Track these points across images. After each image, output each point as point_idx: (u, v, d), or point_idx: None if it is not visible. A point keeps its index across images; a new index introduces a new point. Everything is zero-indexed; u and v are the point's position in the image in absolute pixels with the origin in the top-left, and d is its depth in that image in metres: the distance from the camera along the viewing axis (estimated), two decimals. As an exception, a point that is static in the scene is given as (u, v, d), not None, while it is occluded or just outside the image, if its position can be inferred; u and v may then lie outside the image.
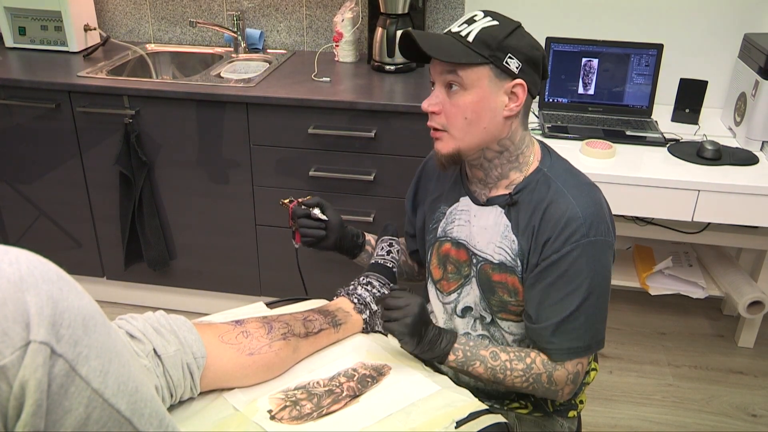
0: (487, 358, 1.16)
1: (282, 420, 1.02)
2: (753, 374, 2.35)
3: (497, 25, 1.11)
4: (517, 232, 1.18)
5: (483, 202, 1.23)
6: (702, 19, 2.32)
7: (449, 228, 1.29)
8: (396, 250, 1.43)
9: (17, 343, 0.59)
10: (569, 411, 1.34)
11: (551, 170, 1.18)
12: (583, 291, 1.12)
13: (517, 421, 1.30)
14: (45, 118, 2.28)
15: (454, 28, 1.13)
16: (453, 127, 1.14)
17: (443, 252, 1.30)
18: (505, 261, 1.19)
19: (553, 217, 1.12)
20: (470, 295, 1.27)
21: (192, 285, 2.52)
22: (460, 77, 1.10)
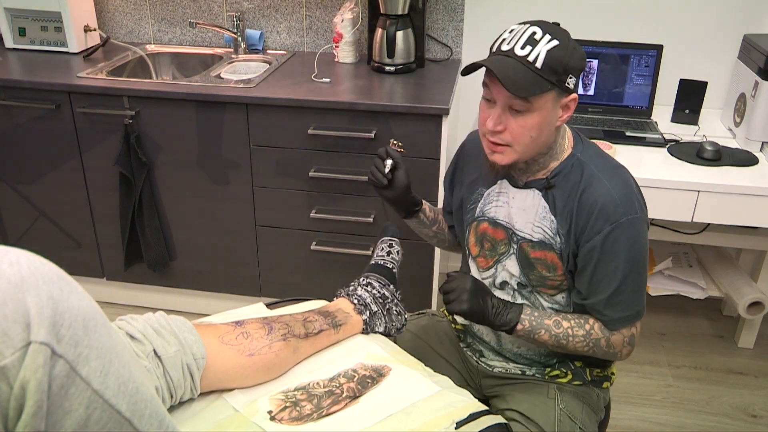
0: (551, 326, 1.27)
1: (282, 421, 1.02)
2: (753, 375, 2.36)
3: (558, 45, 1.15)
4: (555, 212, 1.28)
5: (521, 185, 1.31)
6: (702, 19, 2.32)
7: (487, 208, 1.37)
8: (396, 251, 1.43)
9: (18, 343, 0.59)
10: (604, 382, 1.43)
11: (584, 155, 1.27)
12: (626, 266, 1.22)
13: (557, 391, 1.37)
14: (45, 119, 2.28)
15: (519, 51, 1.16)
16: (517, 143, 1.21)
17: (481, 231, 1.39)
18: (543, 239, 1.29)
19: (590, 201, 1.22)
20: (506, 270, 1.36)
21: (192, 286, 2.52)
22: (529, 103, 1.17)
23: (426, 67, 2.46)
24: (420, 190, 2.15)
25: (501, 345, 1.42)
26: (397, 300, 1.34)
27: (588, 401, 1.39)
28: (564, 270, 1.29)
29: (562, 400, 1.36)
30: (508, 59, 1.16)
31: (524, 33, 1.17)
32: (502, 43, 1.19)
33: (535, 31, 1.16)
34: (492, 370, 1.46)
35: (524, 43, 1.16)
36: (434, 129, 2.06)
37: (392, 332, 1.32)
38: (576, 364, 1.40)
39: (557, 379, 1.40)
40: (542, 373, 1.41)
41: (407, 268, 2.11)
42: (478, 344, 1.48)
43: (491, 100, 1.21)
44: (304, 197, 2.25)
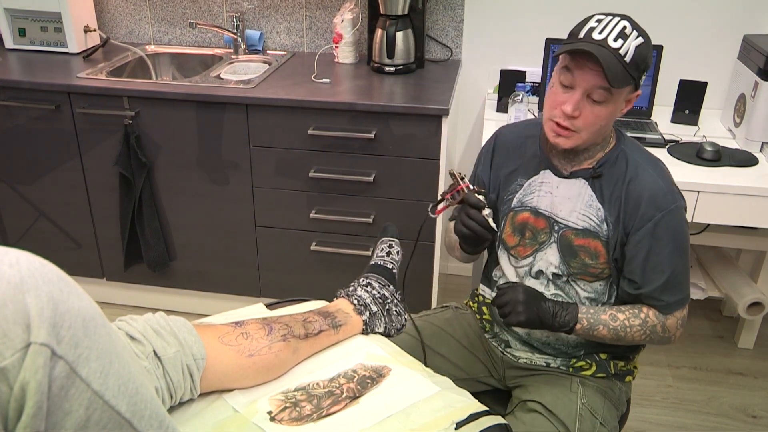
0: (608, 321, 1.30)
1: (282, 421, 1.02)
2: (753, 375, 2.36)
3: (644, 42, 1.21)
4: (602, 200, 1.31)
5: (566, 175, 1.34)
6: (701, 20, 2.33)
7: (527, 198, 1.39)
8: (396, 251, 1.43)
9: (17, 344, 0.59)
10: (627, 376, 1.46)
11: (627, 147, 1.34)
12: (677, 251, 1.28)
13: (581, 386, 1.39)
14: (45, 120, 2.28)
15: (612, 42, 1.19)
16: (586, 130, 1.25)
17: (519, 220, 1.40)
18: (588, 227, 1.32)
19: (638, 190, 1.28)
20: (543, 259, 1.38)
21: (192, 286, 2.52)
22: (611, 94, 1.21)
23: (426, 67, 2.46)
24: (420, 191, 2.15)
25: (530, 335, 1.44)
26: (397, 300, 1.34)
27: (610, 396, 1.41)
28: (607, 258, 1.32)
29: (585, 394, 1.38)
30: (603, 49, 1.19)
31: (616, 25, 1.21)
32: (591, 31, 1.21)
33: (625, 26, 1.21)
34: (517, 361, 1.47)
35: (616, 35, 1.19)
36: (434, 129, 2.06)
37: (392, 333, 1.32)
38: (601, 356, 1.43)
39: (581, 371, 1.42)
40: (567, 365, 1.43)
41: (407, 268, 2.11)
42: (506, 334, 1.49)
43: (569, 85, 1.23)
44: (304, 198, 2.25)
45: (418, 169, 2.12)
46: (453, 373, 1.50)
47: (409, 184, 2.15)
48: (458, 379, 1.49)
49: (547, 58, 2.23)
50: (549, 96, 1.28)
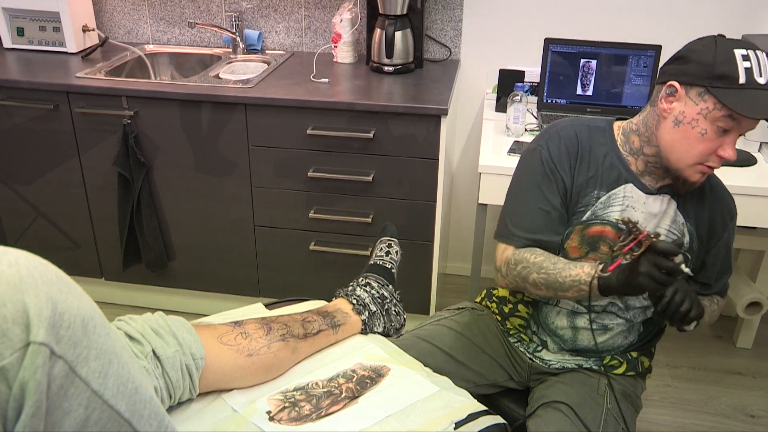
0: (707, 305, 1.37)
1: (281, 421, 1.02)
2: (751, 375, 2.36)
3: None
4: (686, 215, 1.35)
5: (653, 191, 1.34)
6: (700, 20, 2.33)
7: (604, 212, 1.33)
8: (395, 251, 1.43)
9: (17, 344, 0.59)
10: (647, 374, 1.52)
11: None
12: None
13: (608, 389, 1.40)
14: (43, 119, 2.28)
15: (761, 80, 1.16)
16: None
17: (592, 234, 1.34)
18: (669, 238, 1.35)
19: (719, 200, 1.36)
20: None
21: (190, 286, 2.52)
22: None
23: (425, 67, 2.46)
24: (420, 191, 2.15)
25: (576, 341, 1.42)
26: (396, 300, 1.34)
27: (633, 399, 1.44)
28: None
29: (611, 400, 1.38)
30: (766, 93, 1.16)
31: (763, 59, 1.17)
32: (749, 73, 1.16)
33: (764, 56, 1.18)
34: (548, 366, 1.46)
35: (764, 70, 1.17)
36: (433, 129, 2.06)
37: (391, 332, 1.32)
38: (632, 354, 1.46)
39: (613, 370, 1.44)
40: (599, 364, 1.44)
41: (406, 268, 2.11)
42: (545, 335, 1.45)
43: (729, 129, 1.19)
44: (303, 197, 2.25)
45: (417, 168, 2.12)
46: (472, 379, 1.47)
47: (408, 183, 2.15)
48: (477, 385, 1.48)
49: (546, 57, 2.23)
50: (697, 142, 1.21)
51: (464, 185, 2.73)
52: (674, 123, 1.23)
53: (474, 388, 1.47)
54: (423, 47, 2.47)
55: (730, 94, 1.15)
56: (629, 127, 1.34)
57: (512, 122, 2.11)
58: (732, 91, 1.15)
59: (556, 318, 1.42)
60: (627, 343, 1.44)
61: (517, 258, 1.33)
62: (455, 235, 2.83)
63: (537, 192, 1.34)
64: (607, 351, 1.44)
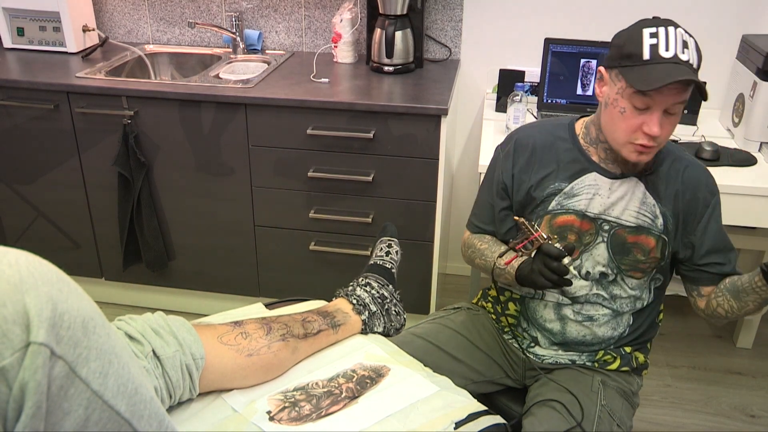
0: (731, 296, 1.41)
1: (281, 421, 1.02)
2: (751, 375, 2.36)
3: (696, 44, 1.23)
4: (657, 196, 1.35)
5: (618, 175, 1.36)
6: (700, 20, 2.33)
7: (569, 202, 1.39)
8: (395, 251, 1.43)
9: (17, 344, 0.59)
10: (643, 370, 1.51)
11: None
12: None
13: (601, 386, 1.40)
14: (43, 119, 2.28)
15: (681, 55, 1.20)
16: (663, 141, 1.28)
17: (560, 223, 1.40)
18: (642, 224, 1.36)
19: (693, 179, 1.35)
20: (590, 260, 1.40)
21: (191, 286, 2.52)
22: (684, 104, 1.24)
23: (425, 67, 2.46)
24: (419, 191, 2.15)
25: (564, 332, 1.43)
26: (396, 300, 1.34)
27: (628, 396, 1.43)
28: (656, 253, 1.37)
29: (605, 395, 1.39)
30: (681, 66, 1.20)
31: (677, 37, 1.22)
32: (655, 49, 1.21)
33: (682, 33, 1.23)
34: (541, 361, 1.47)
35: (682, 47, 1.21)
36: (433, 129, 2.06)
37: (391, 332, 1.32)
38: (626, 349, 1.45)
39: (606, 366, 1.44)
40: (592, 360, 1.44)
41: (406, 268, 2.11)
42: (535, 330, 1.47)
43: (645, 107, 1.22)
44: (303, 197, 2.25)
45: (417, 168, 2.12)
46: (470, 376, 1.49)
47: (408, 183, 2.15)
48: (474, 382, 1.49)
49: (546, 57, 2.23)
50: (620, 120, 1.25)
51: (464, 185, 2.73)
52: (605, 105, 1.31)
53: (472, 386, 1.48)
54: (423, 47, 2.47)
55: (634, 70, 1.22)
56: (590, 119, 1.42)
57: (512, 122, 2.11)
58: (636, 68, 1.22)
59: (544, 311, 1.44)
60: (617, 335, 1.44)
61: (468, 242, 1.55)
62: (455, 235, 2.83)
63: (488, 189, 1.51)
64: (597, 344, 1.44)
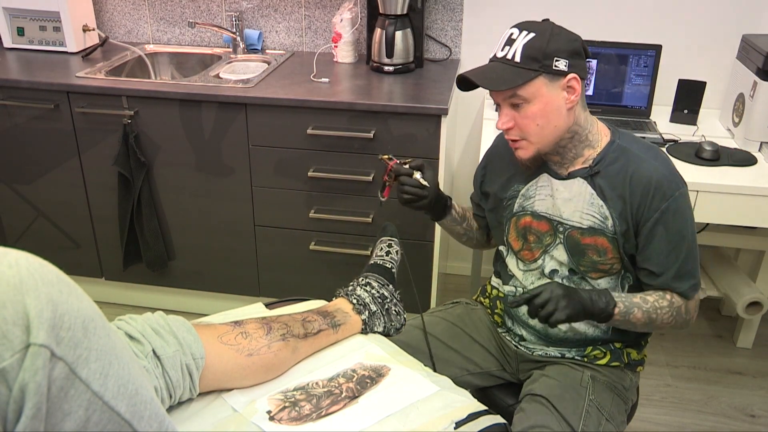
0: (640, 303, 1.30)
1: (281, 421, 1.02)
2: (751, 375, 2.36)
3: (535, 36, 1.24)
4: (603, 197, 1.32)
5: (564, 176, 1.36)
6: (700, 20, 2.33)
7: (528, 203, 1.41)
8: (395, 251, 1.43)
9: (17, 346, 0.59)
10: (638, 366, 1.49)
11: (623, 141, 1.34)
12: (686, 237, 1.30)
13: (591, 381, 1.40)
14: (43, 119, 2.28)
15: (499, 53, 1.28)
16: (529, 135, 1.29)
17: (522, 225, 1.43)
18: (593, 225, 1.33)
19: (643, 180, 1.28)
20: (554, 260, 1.40)
21: (191, 286, 2.52)
22: (521, 96, 1.25)
23: (425, 67, 2.46)
24: (419, 190, 2.15)
25: (548, 331, 1.44)
26: (396, 300, 1.34)
27: (619, 391, 1.43)
28: (614, 253, 1.34)
29: (594, 390, 1.39)
30: (491, 63, 1.29)
31: (504, 36, 1.28)
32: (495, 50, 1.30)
33: (512, 32, 1.27)
34: (531, 354, 1.48)
35: (503, 45, 1.27)
36: (433, 129, 2.06)
37: (391, 332, 1.32)
38: (616, 344, 1.44)
39: (596, 360, 1.44)
40: (582, 355, 1.44)
41: (406, 268, 2.11)
42: (520, 329, 1.49)
43: (497, 105, 1.30)
44: (303, 197, 2.25)
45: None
46: (466, 367, 1.52)
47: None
48: (471, 373, 1.52)
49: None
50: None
51: (464, 185, 2.73)
52: None
53: (468, 377, 1.51)
54: (423, 47, 2.47)
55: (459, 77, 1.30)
56: None
57: (512, 122, 2.11)
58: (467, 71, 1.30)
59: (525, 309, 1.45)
60: (600, 332, 1.42)
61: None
62: (455, 235, 2.83)
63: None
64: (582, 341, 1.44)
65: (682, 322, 1.35)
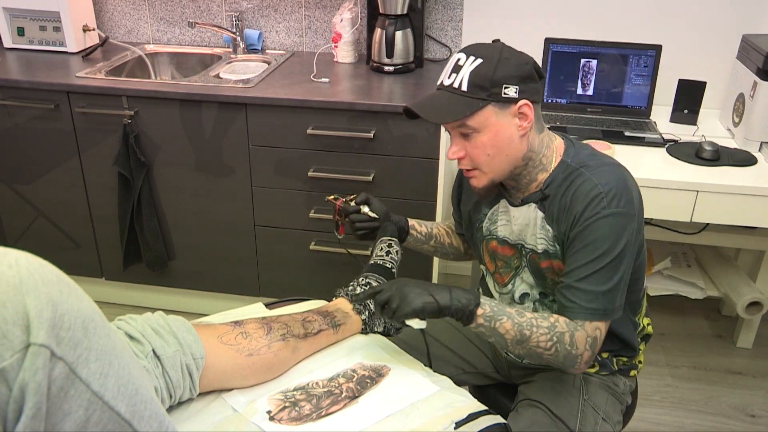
0: (513, 314, 1.19)
1: (281, 421, 1.02)
2: (752, 375, 2.36)
3: (482, 62, 1.18)
4: (551, 221, 1.26)
5: (518, 204, 1.32)
6: (700, 20, 2.33)
7: (493, 228, 1.38)
8: (395, 251, 1.43)
9: (17, 345, 0.59)
10: (631, 370, 1.45)
11: (575, 159, 1.26)
12: (605, 258, 1.18)
13: (583, 382, 1.38)
14: (44, 119, 2.28)
15: (446, 81, 1.21)
16: (480, 164, 1.24)
17: (491, 248, 1.40)
18: (547, 249, 1.28)
19: (579, 196, 1.21)
20: (525, 282, 1.36)
21: (191, 286, 2.52)
22: (470, 126, 1.19)
23: (425, 67, 2.46)
24: (420, 191, 2.15)
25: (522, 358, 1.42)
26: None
27: (613, 391, 1.41)
28: None
29: (587, 390, 1.37)
30: (437, 92, 1.23)
31: (451, 63, 1.22)
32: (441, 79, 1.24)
33: (459, 58, 1.20)
34: (521, 361, 1.46)
35: (450, 72, 1.21)
36: (433, 129, 2.06)
37: (391, 332, 1.32)
38: (602, 355, 1.41)
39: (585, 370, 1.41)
40: None
41: (406, 268, 2.11)
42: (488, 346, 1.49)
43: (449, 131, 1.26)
44: (303, 197, 2.25)
45: (417, 168, 2.12)
46: (461, 366, 1.51)
47: (408, 183, 2.15)
48: (466, 372, 1.52)
49: (546, 57, 2.23)
50: None
51: (464, 185, 2.73)
52: None
53: (464, 376, 1.51)
54: (423, 47, 2.47)
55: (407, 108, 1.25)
56: None
57: (512, 122, 2.11)
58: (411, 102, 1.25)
59: None
60: None
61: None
62: (455, 235, 2.83)
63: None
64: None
65: (566, 355, 1.18)
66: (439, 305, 1.14)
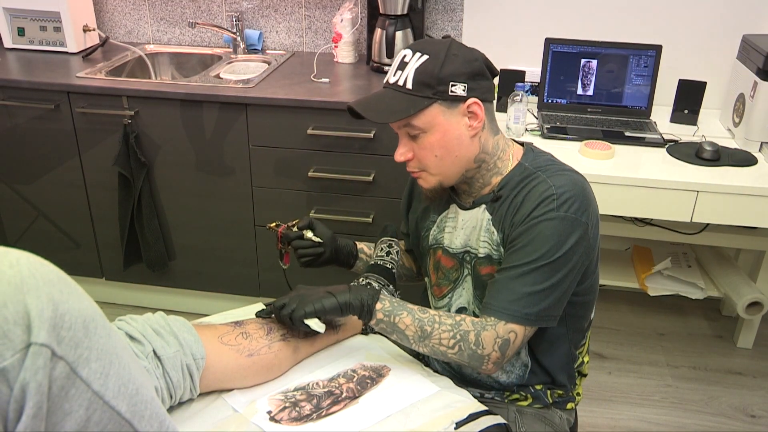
0: (414, 310, 1.15)
1: (281, 421, 1.02)
2: (752, 375, 2.36)
3: (428, 58, 1.12)
4: (498, 224, 1.20)
5: (468, 206, 1.26)
6: (700, 20, 2.33)
7: (440, 236, 1.32)
8: (395, 251, 1.43)
9: (18, 345, 0.59)
10: (567, 403, 1.33)
11: (533, 163, 1.21)
12: (541, 260, 1.11)
13: (518, 414, 1.29)
14: (44, 119, 2.28)
15: (391, 78, 1.16)
16: (428, 166, 1.19)
17: (437, 259, 1.34)
18: (490, 253, 1.22)
19: (533, 197, 1.15)
20: (462, 296, 1.30)
21: (191, 286, 2.52)
22: (415, 126, 1.14)
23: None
24: (419, 191, 2.15)
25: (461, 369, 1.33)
26: (397, 300, 1.33)
27: (551, 423, 1.30)
28: None
29: (523, 423, 1.27)
30: (382, 91, 1.18)
31: (397, 59, 1.17)
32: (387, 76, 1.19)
33: (405, 54, 1.15)
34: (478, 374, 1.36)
35: (396, 69, 1.16)
36: (433, 129, 2.06)
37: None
38: (536, 387, 1.30)
39: (517, 402, 1.31)
40: (501, 397, 1.32)
41: (406, 268, 2.11)
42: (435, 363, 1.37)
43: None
44: (304, 197, 2.25)
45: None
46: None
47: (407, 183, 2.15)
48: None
49: (546, 57, 2.23)
50: None
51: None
52: None
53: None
54: (423, 47, 2.47)
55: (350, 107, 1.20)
56: None
57: (513, 122, 2.11)
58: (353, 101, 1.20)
59: None
60: (514, 377, 1.29)
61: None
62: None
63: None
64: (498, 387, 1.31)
65: (471, 354, 1.13)
66: (339, 302, 1.12)
